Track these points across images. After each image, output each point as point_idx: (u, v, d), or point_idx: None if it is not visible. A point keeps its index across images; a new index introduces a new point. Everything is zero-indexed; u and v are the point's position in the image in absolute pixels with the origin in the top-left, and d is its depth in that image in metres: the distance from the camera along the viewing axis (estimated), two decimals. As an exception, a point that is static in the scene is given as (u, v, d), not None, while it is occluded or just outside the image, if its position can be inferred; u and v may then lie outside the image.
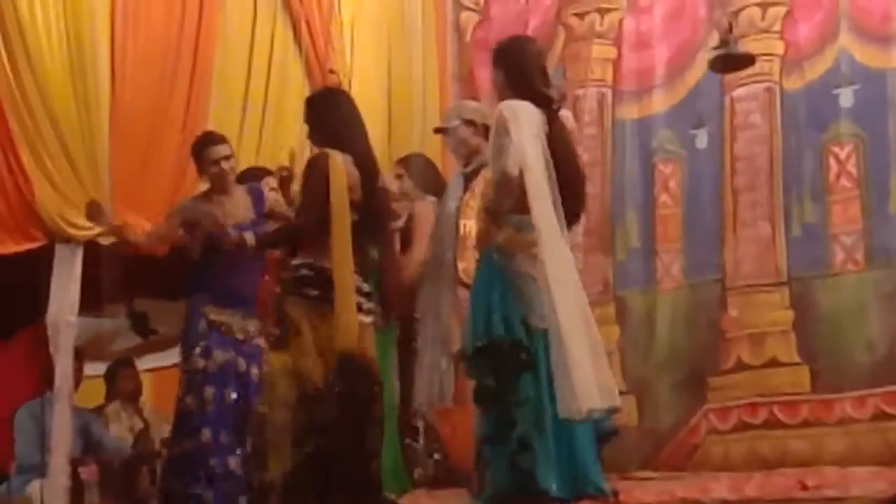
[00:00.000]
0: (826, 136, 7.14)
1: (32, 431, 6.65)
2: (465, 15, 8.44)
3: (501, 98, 5.12)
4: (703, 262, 7.40)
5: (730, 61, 6.72)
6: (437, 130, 6.69)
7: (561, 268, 4.75)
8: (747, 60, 6.78)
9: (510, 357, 4.81)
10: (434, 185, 6.67)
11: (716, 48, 6.70)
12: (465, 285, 5.64)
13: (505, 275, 4.89)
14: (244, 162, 6.71)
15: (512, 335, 4.81)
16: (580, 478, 4.87)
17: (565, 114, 5.29)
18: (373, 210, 5.07)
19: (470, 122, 6.08)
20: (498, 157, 4.90)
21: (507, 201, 4.90)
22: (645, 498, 5.84)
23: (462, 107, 6.35)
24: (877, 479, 5.69)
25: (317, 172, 5.03)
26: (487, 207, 5.02)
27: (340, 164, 4.94)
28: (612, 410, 4.90)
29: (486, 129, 5.69)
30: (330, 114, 5.16)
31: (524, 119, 4.90)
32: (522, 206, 4.85)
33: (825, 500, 5.42)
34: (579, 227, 5.66)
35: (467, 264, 5.73)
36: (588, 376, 4.65)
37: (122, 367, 7.75)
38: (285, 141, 6.86)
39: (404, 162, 6.85)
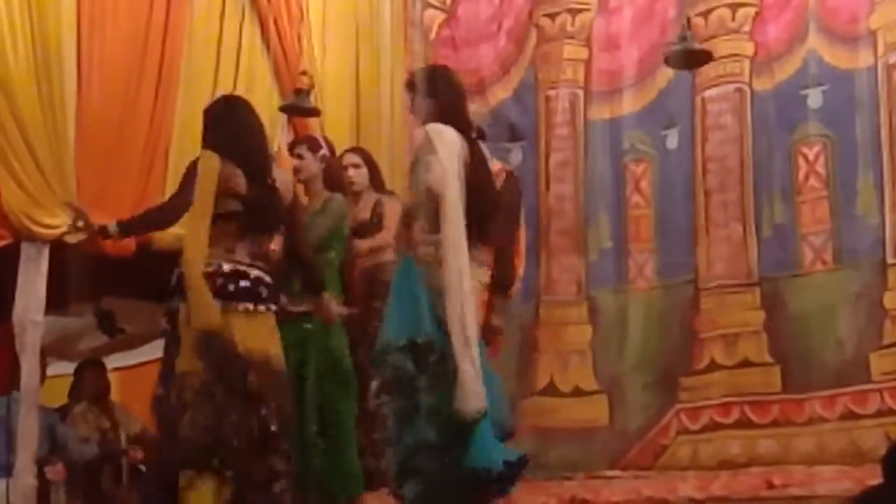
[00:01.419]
0: (795, 136, 7.20)
1: (-1, 431, 6.61)
2: (429, 13, 8.40)
3: (424, 123, 5.30)
4: (676, 262, 7.44)
5: (686, 57, 6.71)
6: None
7: (460, 288, 4.95)
8: (704, 57, 6.77)
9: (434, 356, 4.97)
10: (379, 178, 6.74)
11: (672, 44, 6.70)
12: None
13: (426, 285, 5.04)
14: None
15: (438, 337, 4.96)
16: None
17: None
18: (263, 204, 5.10)
19: None
20: (425, 172, 5.06)
21: (427, 214, 5.06)
22: (612, 497, 5.88)
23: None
24: (843, 478, 5.73)
25: (188, 172, 5.29)
26: (409, 214, 5.20)
27: (209, 163, 5.03)
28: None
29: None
30: (218, 122, 5.25)
31: (448, 141, 5.09)
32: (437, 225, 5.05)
33: (791, 499, 5.46)
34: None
35: None
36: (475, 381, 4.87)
37: (89, 366, 7.70)
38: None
39: (360, 152, 6.84)
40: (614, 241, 7.63)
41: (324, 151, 6.37)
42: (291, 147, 6.50)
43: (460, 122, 5.18)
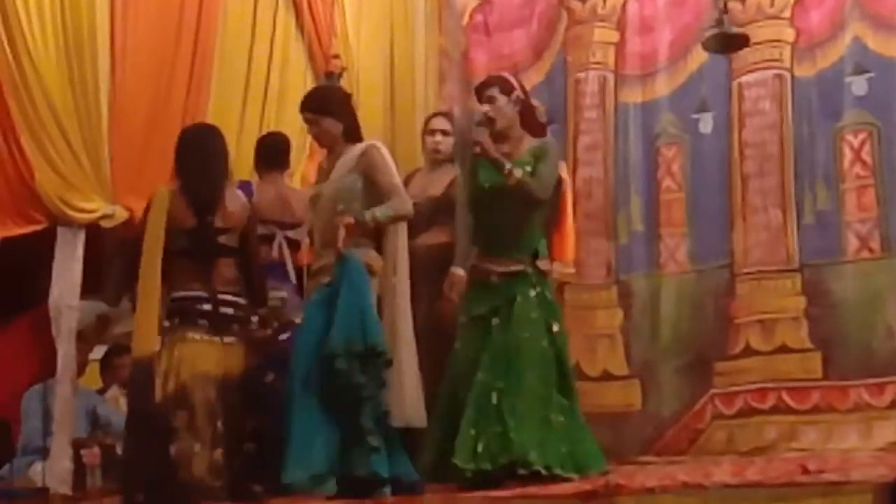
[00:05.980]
0: (839, 124, 7.10)
1: (38, 414, 6.68)
2: (463, -2, 8.34)
3: (328, 144, 5.71)
4: (710, 247, 7.35)
5: (723, 41, 6.63)
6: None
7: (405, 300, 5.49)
8: (741, 40, 6.69)
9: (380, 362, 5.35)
10: None
11: (710, 27, 6.63)
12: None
13: (371, 290, 5.44)
14: (247, 148, 6.79)
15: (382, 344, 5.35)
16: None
17: None
18: (204, 237, 5.52)
19: None
20: (396, 194, 5.50)
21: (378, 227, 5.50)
22: (647, 482, 5.77)
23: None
24: (878, 464, 5.63)
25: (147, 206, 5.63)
26: (364, 222, 5.45)
27: (159, 197, 5.52)
28: None
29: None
30: (180, 151, 5.65)
31: None
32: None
33: (826, 485, 5.33)
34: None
35: None
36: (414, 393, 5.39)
37: (116, 353, 7.75)
38: (287, 127, 6.86)
39: (450, 118, 6.81)
40: (646, 225, 7.55)
41: (518, 93, 5.81)
42: (480, 91, 5.86)
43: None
